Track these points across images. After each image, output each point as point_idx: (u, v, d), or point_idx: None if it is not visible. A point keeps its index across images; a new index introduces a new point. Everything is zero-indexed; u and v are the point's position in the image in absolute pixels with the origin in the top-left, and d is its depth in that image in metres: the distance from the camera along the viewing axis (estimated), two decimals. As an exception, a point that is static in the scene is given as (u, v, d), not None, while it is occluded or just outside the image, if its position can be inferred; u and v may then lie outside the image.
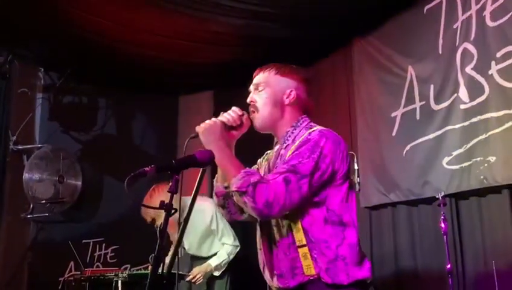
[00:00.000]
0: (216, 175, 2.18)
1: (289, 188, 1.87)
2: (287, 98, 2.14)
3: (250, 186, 1.85)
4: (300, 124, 2.13)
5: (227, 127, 2.08)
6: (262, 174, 2.03)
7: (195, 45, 5.28)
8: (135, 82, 6.18)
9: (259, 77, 2.19)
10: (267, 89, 2.15)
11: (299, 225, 1.98)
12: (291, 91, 2.14)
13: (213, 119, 2.07)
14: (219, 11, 4.62)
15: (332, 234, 1.95)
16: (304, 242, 1.96)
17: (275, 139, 2.23)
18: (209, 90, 6.62)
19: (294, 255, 1.99)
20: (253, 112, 2.15)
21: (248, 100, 2.18)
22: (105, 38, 5.10)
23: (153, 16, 4.74)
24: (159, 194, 4.04)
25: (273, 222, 2.07)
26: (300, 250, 1.97)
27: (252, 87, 2.21)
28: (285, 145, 2.10)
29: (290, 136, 2.11)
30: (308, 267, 1.96)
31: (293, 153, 1.99)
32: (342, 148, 2.02)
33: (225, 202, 2.17)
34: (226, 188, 2.14)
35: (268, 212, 1.87)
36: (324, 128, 2.08)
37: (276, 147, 2.18)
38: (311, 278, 1.96)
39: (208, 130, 2.02)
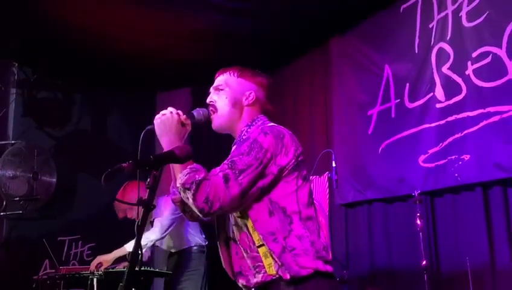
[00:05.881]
0: (172, 182, 2.11)
1: (228, 184, 1.87)
2: (246, 99, 2.16)
3: (193, 184, 1.86)
4: (255, 122, 2.15)
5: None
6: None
7: (173, 41, 5.24)
8: (112, 78, 6.10)
9: (220, 79, 2.22)
10: (227, 90, 2.17)
11: (252, 223, 1.98)
12: (250, 93, 2.17)
13: (169, 108, 2.07)
14: (196, 7, 4.60)
15: (278, 226, 1.95)
16: (262, 241, 1.96)
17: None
18: (187, 87, 6.58)
19: (255, 254, 2.00)
20: (213, 112, 2.17)
21: (208, 100, 2.19)
22: (81, 34, 5.02)
23: (130, 12, 4.69)
24: (132, 190, 4.01)
25: (232, 221, 2.08)
26: (260, 250, 1.97)
27: (212, 88, 2.22)
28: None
29: (244, 134, 2.13)
30: (270, 266, 1.95)
31: (235, 150, 2.01)
32: (286, 141, 2.00)
33: (184, 206, 2.12)
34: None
35: (208, 210, 1.86)
36: (272, 124, 2.10)
37: (234, 147, 2.17)
38: (274, 277, 1.96)
39: (164, 122, 2.03)
